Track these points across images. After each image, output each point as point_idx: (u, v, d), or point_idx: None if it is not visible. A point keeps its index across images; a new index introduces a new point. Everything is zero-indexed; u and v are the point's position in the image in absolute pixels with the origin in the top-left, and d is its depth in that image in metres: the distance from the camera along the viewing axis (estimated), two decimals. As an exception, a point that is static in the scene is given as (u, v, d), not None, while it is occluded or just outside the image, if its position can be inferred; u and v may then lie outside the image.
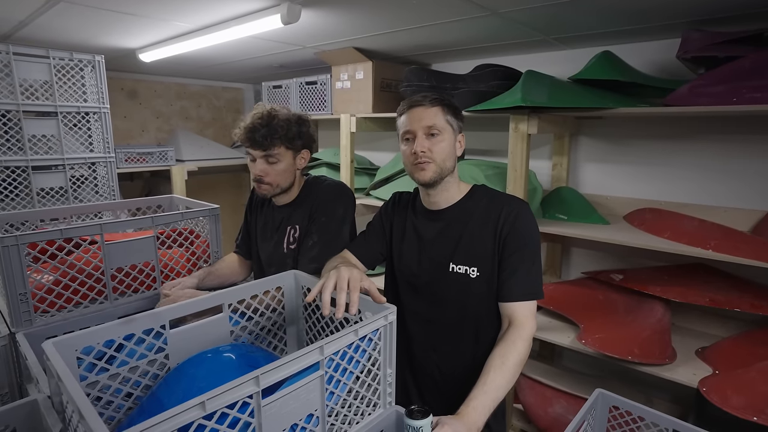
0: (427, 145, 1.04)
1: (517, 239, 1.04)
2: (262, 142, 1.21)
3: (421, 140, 1.05)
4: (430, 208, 1.14)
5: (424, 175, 1.06)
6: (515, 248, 1.04)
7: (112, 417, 0.81)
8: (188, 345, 0.88)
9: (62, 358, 0.68)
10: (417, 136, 1.05)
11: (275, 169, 1.26)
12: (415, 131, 1.05)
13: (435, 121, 1.05)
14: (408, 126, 1.07)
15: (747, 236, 1.50)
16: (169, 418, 0.53)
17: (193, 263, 1.45)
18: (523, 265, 1.04)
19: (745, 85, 1.35)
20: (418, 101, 1.07)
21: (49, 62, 1.95)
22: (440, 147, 1.05)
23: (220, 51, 2.26)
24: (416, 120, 1.06)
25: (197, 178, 3.12)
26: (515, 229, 1.04)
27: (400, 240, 1.19)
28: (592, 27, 1.65)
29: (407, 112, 1.08)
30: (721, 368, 1.45)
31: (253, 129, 1.22)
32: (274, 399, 0.65)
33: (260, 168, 1.25)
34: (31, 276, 1.13)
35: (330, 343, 0.71)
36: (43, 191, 2.01)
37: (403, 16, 1.59)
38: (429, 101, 1.06)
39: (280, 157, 1.25)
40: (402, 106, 1.11)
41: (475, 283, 1.06)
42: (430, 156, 1.04)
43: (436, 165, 1.05)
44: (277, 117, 1.24)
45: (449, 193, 1.12)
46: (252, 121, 1.23)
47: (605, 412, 0.97)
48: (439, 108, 1.06)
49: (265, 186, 1.27)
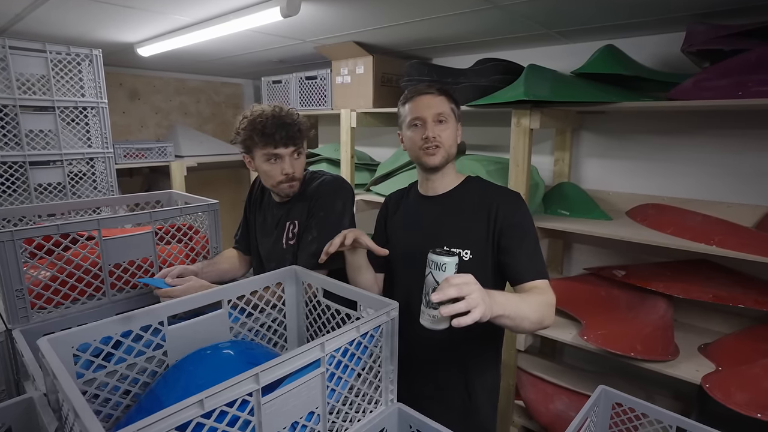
0: (437, 131, 1.09)
1: (518, 227, 1.08)
2: (296, 137, 1.21)
3: (431, 126, 1.09)
4: (427, 194, 1.19)
5: (434, 160, 1.11)
6: (520, 235, 1.07)
7: (110, 415, 0.80)
8: (187, 342, 0.87)
9: (58, 355, 0.67)
10: (427, 123, 1.09)
11: (300, 164, 1.27)
12: (425, 117, 1.10)
13: (443, 108, 1.10)
14: (417, 113, 1.11)
15: (751, 232, 1.49)
16: (167, 417, 0.52)
17: (192, 259, 1.43)
18: (531, 251, 1.07)
19: (751, 78, 1.33)
20: (425, 90, 1.12)
21: (46, 56, 1.93)
22: (447, 133, 1.11)
23: (219, 45, 2.23)
24: (425, 107, 1.10)
25: (197, 173, 3.11)
26: (515, 217, 1.08)
27: (397, 228, 1.23)
28: (593, 20, 1.63)
29: (414, 100, 1.12)
30: (724, 365, 1.44)
31: (285, 126, 1.20)
32: (275, 397, 0.64)
33: (291, 165, 1.23)
34: (28, 272, 1.12)
35: (331, 340, 0.70)
36: (40, 187, 2.00)
37: (403, 9, 1.57)
38: (436, 90, 1.12)
39: (302, 150, 1.26)
40: (407, 94, 1.15)
41: (468, 265, 1.08)
42: (440, 141, 1.10)
43: (444, 150, 1.11)
44: (293, 112, 1.24)
45: (448, 179, 1.17)
46: (278, 119, 1.20)
47: (608, 409, 0.96)
48: (444, 97, 1.12)
49: (296, 182, 1.26)
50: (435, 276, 0.80)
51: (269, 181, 1.26)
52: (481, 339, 1.13)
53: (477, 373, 1.16)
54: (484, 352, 1.17)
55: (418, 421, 0.81)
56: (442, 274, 0.80)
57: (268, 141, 1.20)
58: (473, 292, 0.75)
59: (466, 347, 1.13)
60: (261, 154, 1.23)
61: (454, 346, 1.14)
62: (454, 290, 0.74)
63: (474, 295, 0.75)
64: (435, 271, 0.81)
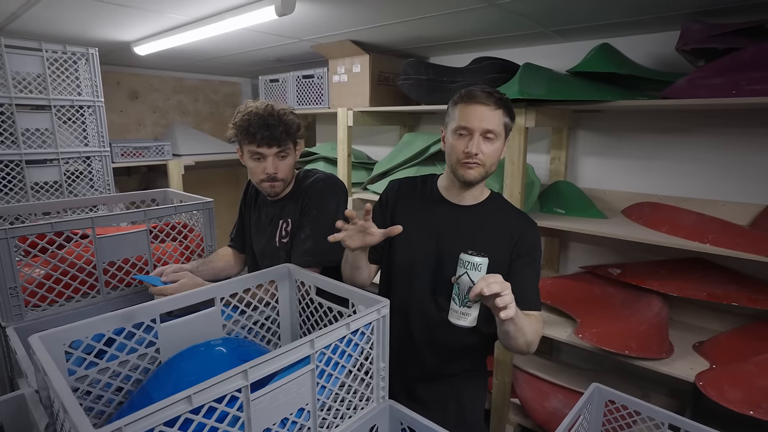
0: (481, 148, 1.02)
1: (531, 254, 1.09)
2: (279, 138, 1.20)
3: (477, 142, 1.02)
4: (452, 201, 1.13)
5: (471, 175, 1.05)
6: (529, 263, 1.08)
7: (102, 411, 0.80)
8: (179, 339, 0.87)
9: (50, 352, 0.67)
10: (474, 136, 1.02)
11: (286, 165, 1.26)
12: (473, 130, 1.02)
13: (494, 125, 1.02)
14: (466, 123, 1.02)
15: (745, 230, 1.49)
16: (155, 413, 0.52)
17: (187, 257, 1.44)
18: (534, 281, 1.08)
19: (744, 77, 1.33)
20: (483, 99, 1.01)
21: (42, 55, 1.93)
22: (491, 151, 1.03)
23: (215, 44, 2.23)
24: (477, 118, 1.01)
25: (195, 172, 3.10)
26: (532, 245, 1.09)
27: (410, 223, 1.10)
28: (588, 18, 1.63)
29: (467, 106, 1.03)
30: (718, 362, 1.45)
31: (269, 126, 1.19)
32: (264, 393, 0.64)
33: (273, 165, 1.23)
34: (22, 270, 1.12)
35: (321, 337, 0.70)
36: (37, 185, 2.00)
37: (398, 7, 1.57)
38: (494, 101, 1.02)
39: (289, 151, 1.25)
40: (463, 95, 1.05)
41: None
42: (482, 159, 1.03)
43: (483, 168, 1.05)
44: (284, 113, 1.23)
45: (477, 192, 1.13)
46: (263, 119, 1.19)
47: (601, 407, 0.97)
48: (501, 111, 1.03)
49: (278, 183, 1.26)
50: (471, 276, 0.87)
51: (253, 178, 1.29)
52: (475, 341, 1.14)
53: (469, 374, 1.18)
54: (475, 354, 1.19)
55: (410, 418, 0.81)
56: (478, 274, 0.87)
57: (251, 140, 1.21)
58: (508, 287, 0.84)
59: (461, 347, 1.14)
60: (247, 151, 1.25)
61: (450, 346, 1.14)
62: (498, 286, 0.82)
63: (509, 291, 0.84)
64: (471, 271, 0.87)
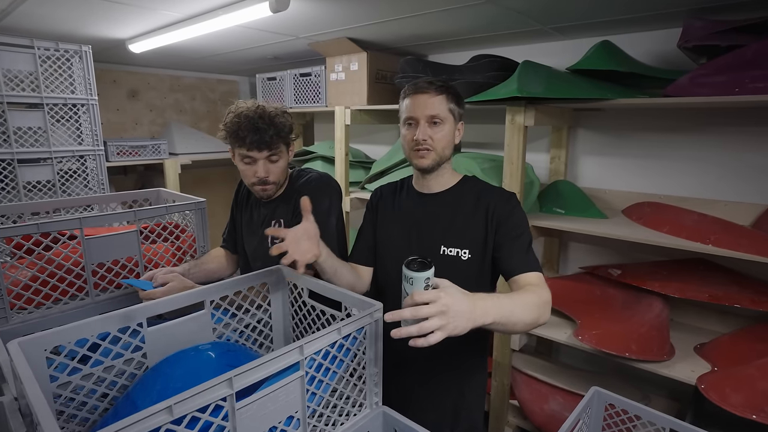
0: (428, 134, 1.06)
1: (512, 223, 1.06)
2: (270, 142, 1.17)
3: (423, 128, 1.06)
4: (422, 191, 1.16)
5: (423, 162, 1.08)
6: (515, 235, 1.05)
7: (87, 418, 0.78)
8: (167, 343, 0.85)
9: (30, 358, 0.65)
10: (419, 124, 1.06)
11: (278, 167, 1.23)
12: (418, 118, 1.06)
13: (438, 110, 1.06)
14: (411, 112, 1.07)
15: (747, 231, 1.47)
16: (132, 425, 0.50)
17: (179, 258, 1.41)
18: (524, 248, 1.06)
19: (747, 74, 1.30)
20: (424, 88, 1.06)
21: (34, 52, 1.90)
22: (440, 135, 1.07)
23: (211, 41, 2.20)
24: (420, 107, 1.06)
25: (191, 171, 3.07)
26: (512, 216, 1.07)
27: (390, 222, 1.19)
28: (587, 15, 1.60)
29: (411, 97, 1.08)
30: (719, 365, 1.42)
31: (258, 130, 1.16)
32: (250, 402, 0.61)
33: (264, 168, 1.20)
34: (7, 272, 1.10)
35: (310, 342, 0.68)
36: (29, 185, 1.97)
37: (394, 4, 1.54)
38: (435, 89, 1.06)
39: (281, 154, 1.23)
40: (407, 89, 1.10)
41: (467, 265, 1.07)
42: (431, 144, 1.06)
43: (435, 153, 1.07)
44: (275, 114, 1.20)
45: (443, 178, 1.14)
46: (252, 122, 1.16)
47: (601, 410, 0.94)
48: (443, 96, 1.07)
49: (269, 186, 1.24)
50: (405, 288, 0.77)
51: (245, 180, 1.27)
52: (472, 342, 1.11)
53: (468, 375, 1.15)
54: (473, 356, 1.16)
55: (403, 425, 0.79)
56: (410, 288, 0.75)
57: (241, 143, 1.18)
58: (434, 314, 0.70)
59: (458, 349, 1.11)
60: (237, 154, 1.23)
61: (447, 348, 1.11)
62: (408, 312, 0.70)
63: (433, 322, 0.69)
64: (405, 284, 0.76)
